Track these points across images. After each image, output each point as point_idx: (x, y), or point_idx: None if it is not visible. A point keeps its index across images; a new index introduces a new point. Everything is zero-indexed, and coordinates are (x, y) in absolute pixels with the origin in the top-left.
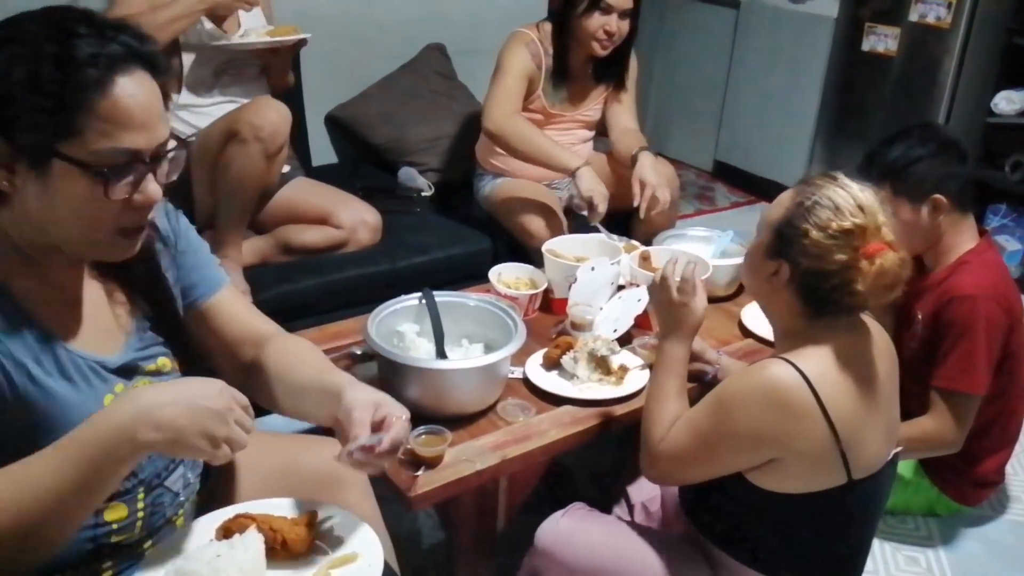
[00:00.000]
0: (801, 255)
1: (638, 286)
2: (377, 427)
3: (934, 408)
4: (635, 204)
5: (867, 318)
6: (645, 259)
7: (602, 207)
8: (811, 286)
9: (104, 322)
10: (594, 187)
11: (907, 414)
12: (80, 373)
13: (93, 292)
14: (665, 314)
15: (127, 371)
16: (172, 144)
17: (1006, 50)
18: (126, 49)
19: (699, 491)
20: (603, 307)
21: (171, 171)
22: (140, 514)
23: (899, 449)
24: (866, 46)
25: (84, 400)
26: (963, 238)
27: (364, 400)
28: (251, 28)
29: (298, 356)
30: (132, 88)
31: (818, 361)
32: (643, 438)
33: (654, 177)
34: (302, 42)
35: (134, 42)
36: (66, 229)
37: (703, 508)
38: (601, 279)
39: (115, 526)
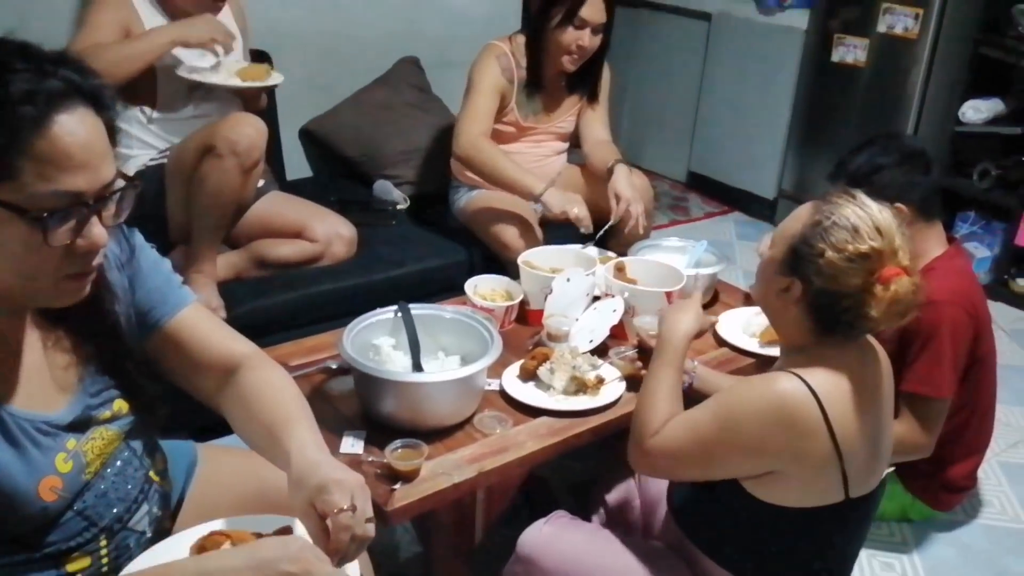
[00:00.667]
0: (815, 275)
1: (613, 297)
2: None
3: (903, 413)
4: (612, 217)
5: (871, 338)
6: (620, 270)
7: (582, 211)
8: (823, 306)
9: (48, 375)
10: (564, 201)
11: None
12: (27, 436)
13: (34, 343)
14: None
15: (79, 425)
16: (120, 183)
17: (973, 60)
18: (66, 84)
19: (689, 497)
20: (579, 318)
21: (119, 212)
22: (104, 559)
23: (891, 469)
24: (836, 57)
25: (32, 466)
26: (930, 245)
27: (303, 497)
28: (225, 62)
29: (260, 398)
30: (72, 126)
31: (828, 379)
32: (635, 427)
33: (629, 191)
34: (274, 85)
35: (75, 76)
36: (5, 279)
37: (692, 513)
38: (576, 290)
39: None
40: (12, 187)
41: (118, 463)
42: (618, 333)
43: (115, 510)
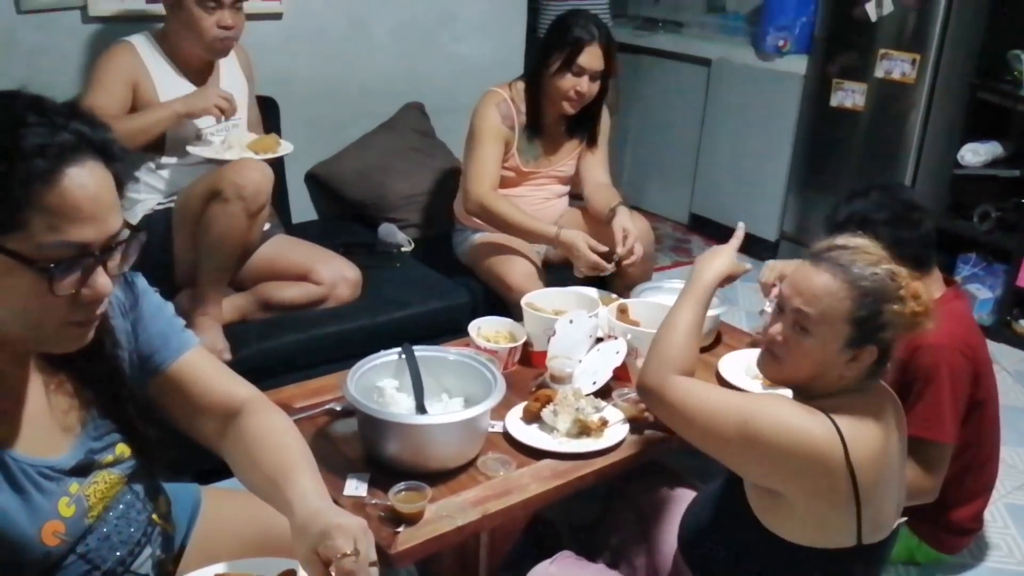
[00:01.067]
0: (885, 331)
1: (616, 338)
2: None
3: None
4: (616, 250)
5: (885, 385)
6: (623, 312)
7: (597, 244)
8: (889, 352)
9: (51, 420)
10: (581, 236)
11: None
12: (31, 481)
13: (37, 387)
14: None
15: (82, 469)
16: (125, 234)
17: (970, 104)
18: (77, 137)
19: (702, 531)
20: (582, 360)
21: (124, 262)
22: None
23: (903, 519)
24: (834, 101)
25: (35, 511)
26: (928, 290)
27: (306, 543)
28: (232, 135)
29: (262, 445)
30: (82, 179)
31: (856, 424)
32: (655, 356)
33: (634, 228)
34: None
35: (86, 129)
36: (11, 326)
37: (704, 548)
38: (580, 332)
39: None
40: (21, 238)
41: (121, 506)
42: (621, 375)
43: (118, 553)
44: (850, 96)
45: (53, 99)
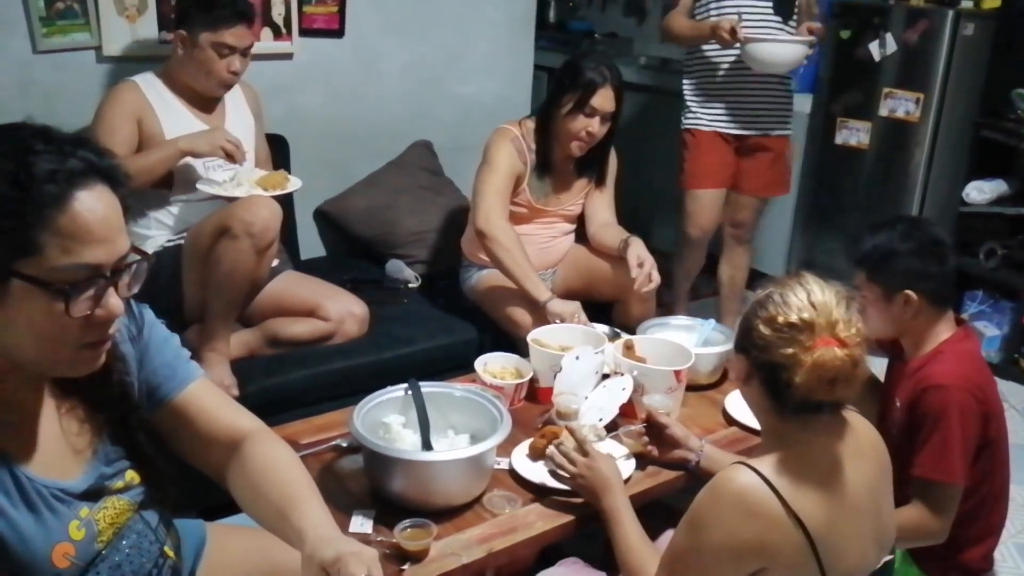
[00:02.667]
0: (754, 348)
1: (622, 375)
2: None
3: (915, 498)
4: (632, 276)
5: (857, 418)
6: (629, 348)
7: (582, 317)
8: (767, 381)
9: (64, 443)
10: (568, 310)
11: (897, 502)
12: (44, 502)
13: (51, 412)
14: (584, 488)
15: (93, 494)
16: (133, 257)
17: (974, 143)
18: (85, 164)
19: None
20: (588, 396)
21: (132, 283)
22: None
23: (890, 557)
24: (839, 139)
25: (47, 531)
26: (940, 328)
27: (317, 567)
28: (242, 172)
29: (268, 476)
30: (91, 203)
31: (783, 466)
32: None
33: (649, 256)
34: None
35: (93, 156)
36: (27, 350)
37: None
38: (586, 368)
39: None
40: (36, 262)
41: (133, 535)
42: (627, 411)
43: (139, 573)
44: (855, 134)
45: (59, 129)
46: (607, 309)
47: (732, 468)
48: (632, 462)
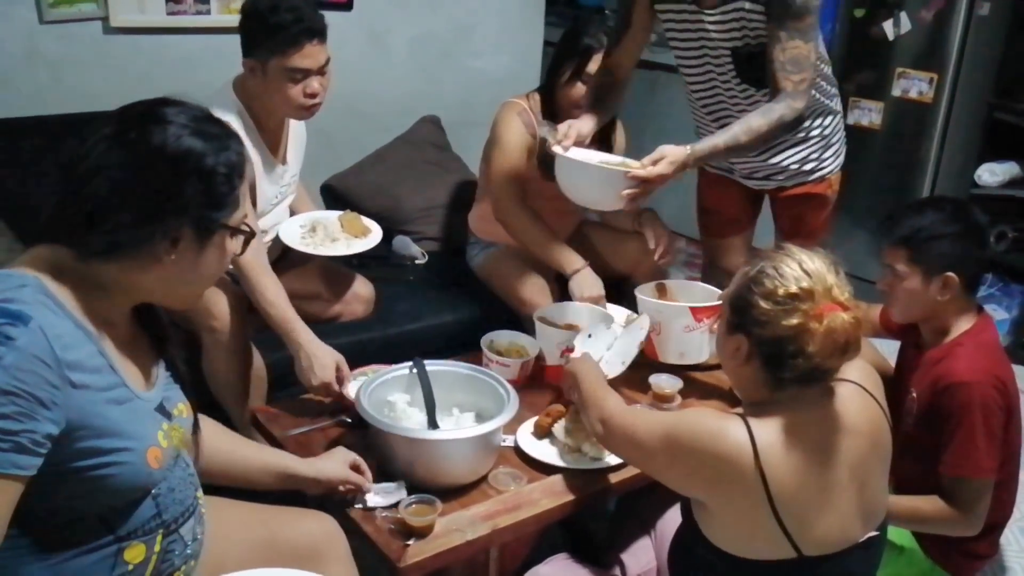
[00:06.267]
0: (754, 326)
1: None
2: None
3: (948, 495)
4: (651, 246)
5: (854, 391)
6: (661, 290)
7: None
8: (770, 355)
9: (140, 363)
10: (591, 287)
11: (905, 491)
12: (140, 408)
13: (137, 335)
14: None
15: (164, 411)
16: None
17: (987, 124)
18: (239, 155)
19: (673, 546)
20: (609, 348)
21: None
22: (154, 558)
23: (874, 534)
24: (851, 119)
25: (146, 433)
26: (962, 318)
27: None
28: (322, 221)
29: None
30: (243, 181)
31: (774, 430)
32: (592, 406)
33: (665, 230)
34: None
35: (241, 148)
36: (200, 285)
37: (677, 562)
38: (598, 347)
39: (130, 567)
40: (230, 216)
41: (180, 470)
42: (648, 351)
43: (178, 508)
44: (867, 114)
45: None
46: (619, 285)
47: (734, 418)
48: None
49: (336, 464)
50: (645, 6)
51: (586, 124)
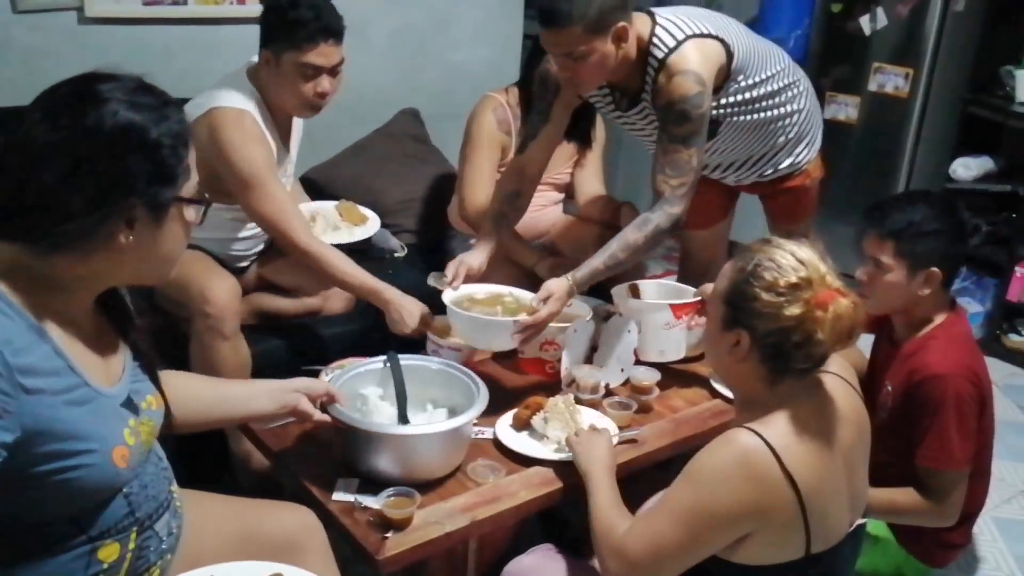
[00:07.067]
0: (757, 319)
1: (621, 315)
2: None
3: (924, 486)
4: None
5: (838, 381)
6: (633, 290)
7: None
8: (774, 347)
9: (106, 356)
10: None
11: (879, 483)
12: (104, 406)
13: (97, 327)
14: (578, 451)
15: (131, 406)
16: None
17: (962, 119)
18: (182, 125)
19: None
20: (595, 353)
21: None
22: (129, 556)
23: (863, 521)
24: (827, 114)
25: (111, 432)
26: (937, 312)
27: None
28: (323, 211)
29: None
30: (191, 150)
31: (783, 430)
32: (603, 538)
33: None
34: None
35: (184, 118)
36: (166, 261)
37: None
38: (583, 339)
39: (105, 565)
40: (183, 188)
41: (152, 464)
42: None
43: (151, 504)
44: (843, 109)
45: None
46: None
47: (738, 431)
48: (618, 433)
49: (287, 394)
50: (565, 103)
51: (476, 257)
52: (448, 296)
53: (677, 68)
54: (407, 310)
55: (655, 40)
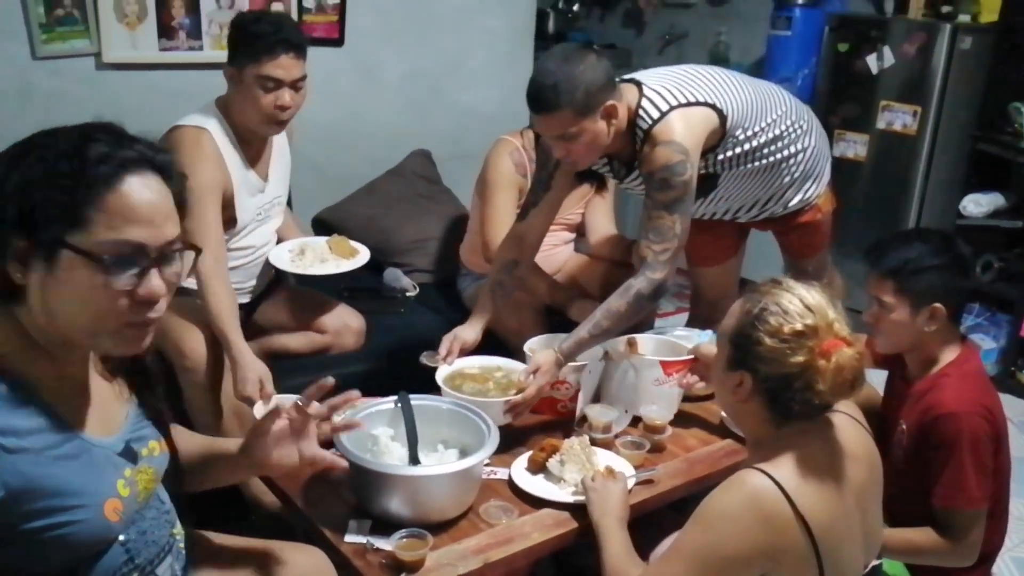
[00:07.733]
0: (759, 363)
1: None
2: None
3: (942, 526)
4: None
5: (847, 420)
6: (631, 345)
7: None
8: (775, 392)
9: (104, 405)
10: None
11: (897, 522)
12: (98, 459)
13: (95, 378)
14: (592, 498)
15: (130, 455)
16: (180, 244)
17: (972, 156)
18: (139, 154)
19: None
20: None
21: (181, 271)
22: None
23: (878, 562)
24: (836, 152)
25: (102, 485)
26: (948, 348)
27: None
28: (311, 245)
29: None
30: (140, 186)
31: (793, 469)
32: None
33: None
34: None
35: (148, 151)
36: (75, 320)
37: None
38: (596, 379)
39: None
40: (84, 235)
41: (154, 509)
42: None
43: (152, 550)
44: (852, 147)
45: (123, 127)
46: None
47: (748, 472)
48: (633, 474)
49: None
50: (566, 171)
51: (470, 331)
52: (440, 374)
53: (660, 138)
54: (242, 375)
55: (640, 112)
